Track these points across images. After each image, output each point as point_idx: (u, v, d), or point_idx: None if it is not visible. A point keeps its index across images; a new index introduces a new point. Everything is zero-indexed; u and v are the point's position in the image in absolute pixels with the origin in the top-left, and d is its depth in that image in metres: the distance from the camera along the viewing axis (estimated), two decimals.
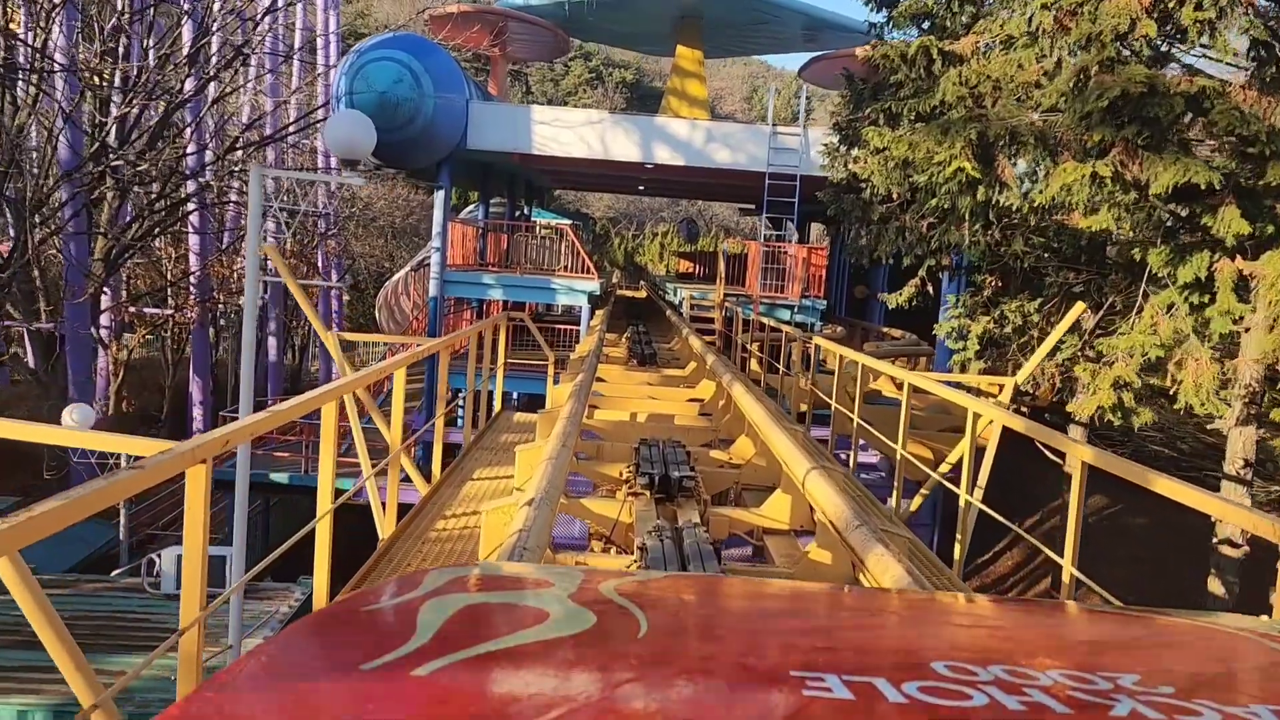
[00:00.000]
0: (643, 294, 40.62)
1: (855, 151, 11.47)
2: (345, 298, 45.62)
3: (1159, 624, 1.74)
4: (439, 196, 20.43)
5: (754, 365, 16.31)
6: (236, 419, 4.03)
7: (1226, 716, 1.16)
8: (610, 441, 8.70)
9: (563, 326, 22.00)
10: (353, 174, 8.90)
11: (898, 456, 6.95)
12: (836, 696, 1.14)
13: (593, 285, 20.83)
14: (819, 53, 30.79)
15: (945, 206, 9.18)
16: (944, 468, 7.51)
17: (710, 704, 1.16)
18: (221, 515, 21.58)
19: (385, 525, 6.01)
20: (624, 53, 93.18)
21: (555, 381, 10.12)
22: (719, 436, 10.16)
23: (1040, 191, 8.20)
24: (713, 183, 27.09)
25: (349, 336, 6.87)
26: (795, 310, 19.96)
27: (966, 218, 9.35)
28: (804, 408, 15.29)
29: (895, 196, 10.62)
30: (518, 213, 35.86)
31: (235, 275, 32.08)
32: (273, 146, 25.51)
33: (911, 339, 19.02)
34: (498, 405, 10.43)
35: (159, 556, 10.85)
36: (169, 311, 25.27)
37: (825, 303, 20.69)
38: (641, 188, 35.71)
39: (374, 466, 6.04)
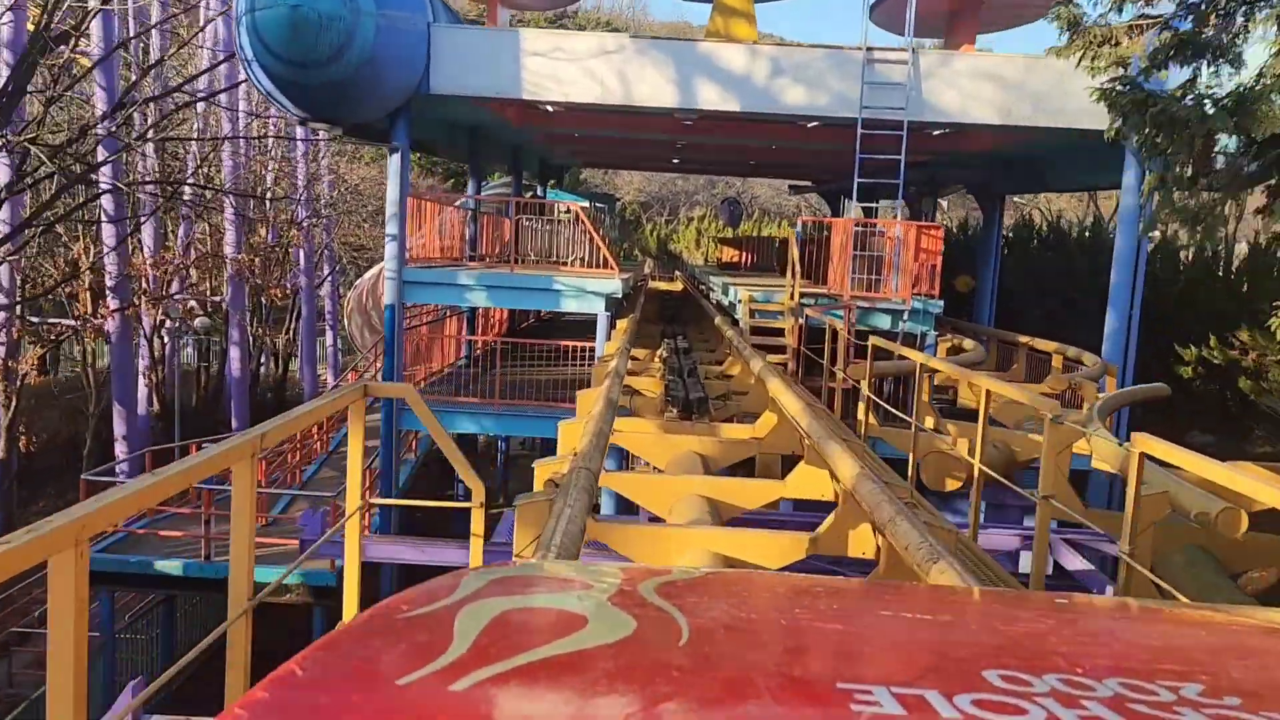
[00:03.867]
0: (678, 286, 34.99)
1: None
2: (342, 294, 40.08)
3: (1221, 624, 1.59)
4: (393, 162, 14.47)
5: (861, 412, 10.29)
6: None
7: None
8: None
9: (569, 343, 15.96)
10: None
11: None
12: (887, 712, 1.06)
13: (613, 284, 14.85)
14: None
15: None
16: None
17: None
18: (95, 618, 15.94)
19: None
20: (651, 19, 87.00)
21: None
22: None
23: None
24: (771, 145, 20.91)
25: None
26: (904, 316, 13.85)
27: None
28: (951, 486, 9.86)
29: None
30: (529, 194, 29.89)
31: (179, 273, 26.48)
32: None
33: (1091, 358, 12.76)
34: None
35: None
36: (70, 321, 19.61)
37: (940, 304, 14.51)
38: (675, 160, 29.49)
39: None
